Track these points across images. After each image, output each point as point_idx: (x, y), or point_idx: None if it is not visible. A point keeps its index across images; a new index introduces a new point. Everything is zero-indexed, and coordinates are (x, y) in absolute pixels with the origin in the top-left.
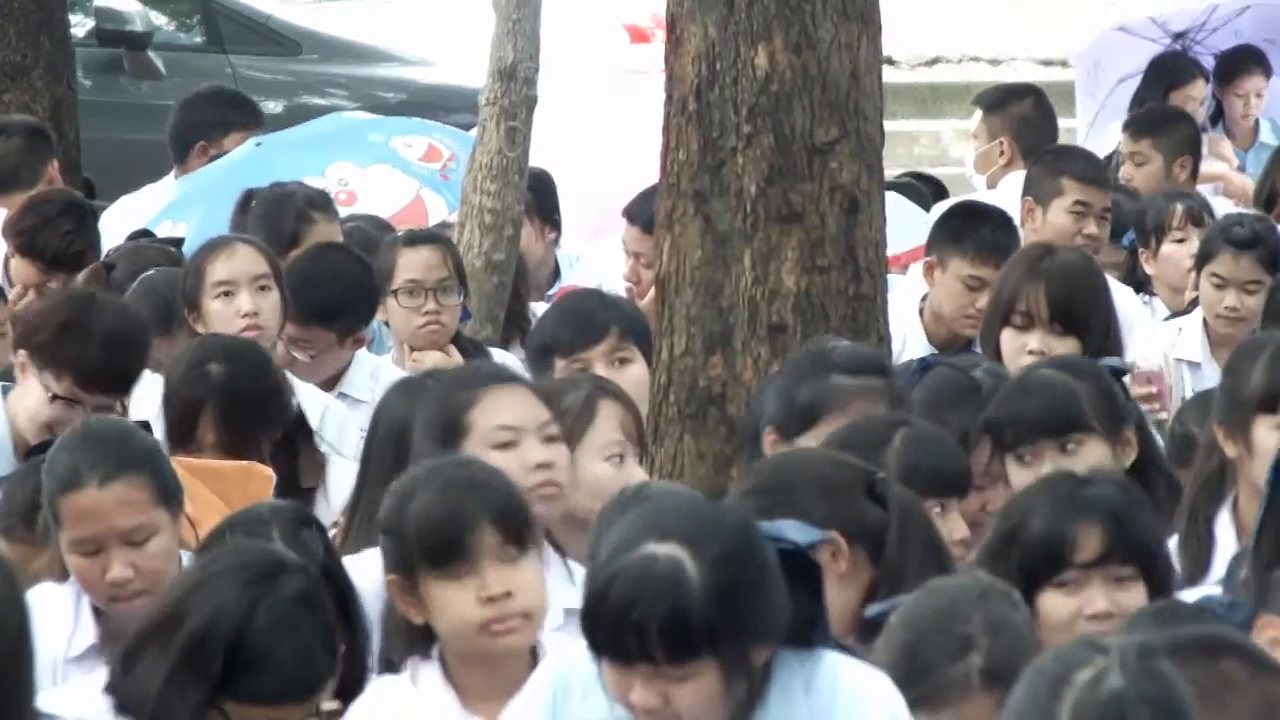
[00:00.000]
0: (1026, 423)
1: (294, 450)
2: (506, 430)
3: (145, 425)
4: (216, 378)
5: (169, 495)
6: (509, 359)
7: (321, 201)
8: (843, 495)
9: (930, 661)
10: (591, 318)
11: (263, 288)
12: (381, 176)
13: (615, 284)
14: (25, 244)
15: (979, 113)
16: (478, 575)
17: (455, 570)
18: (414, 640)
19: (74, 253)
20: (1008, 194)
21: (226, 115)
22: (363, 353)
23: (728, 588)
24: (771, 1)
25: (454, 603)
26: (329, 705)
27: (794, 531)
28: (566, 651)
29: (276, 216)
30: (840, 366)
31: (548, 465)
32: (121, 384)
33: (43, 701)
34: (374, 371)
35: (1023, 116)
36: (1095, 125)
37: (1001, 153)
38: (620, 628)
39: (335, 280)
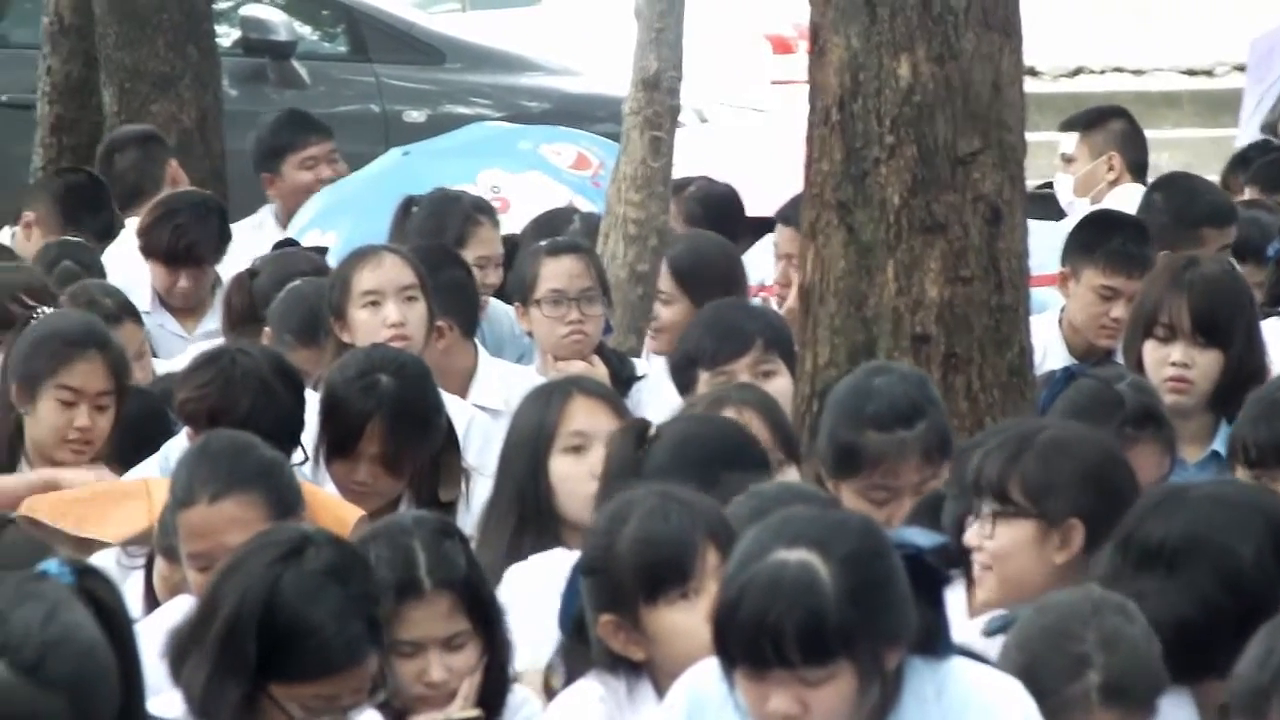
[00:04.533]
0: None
1: (437, 463)
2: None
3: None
4: (387, 390)
5: (285, 511)
6: (654, 370)
7: (487, 207)
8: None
9: (1047, 683)
10: (736, 329)
11: (410, 298)
12: (533, 183)
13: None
14: (143, 245)
15: (1075, 136)
16: (706, 595)
17: (681, 594)
18: (617, 662)
19: (184, 246)
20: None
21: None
22: (488, 359)
23: (859, 588)
24: (914, 13)
25: (686, 628)
26: (470, 713)
27: (916, 536)
28: (699, 670)
29: (442, 219)
30: (873, 421)
31: None
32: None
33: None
34: (503, 377)
35: (1123, 132)
36: (1258, 111)
37: (1110, 168)
38: (756, 634)
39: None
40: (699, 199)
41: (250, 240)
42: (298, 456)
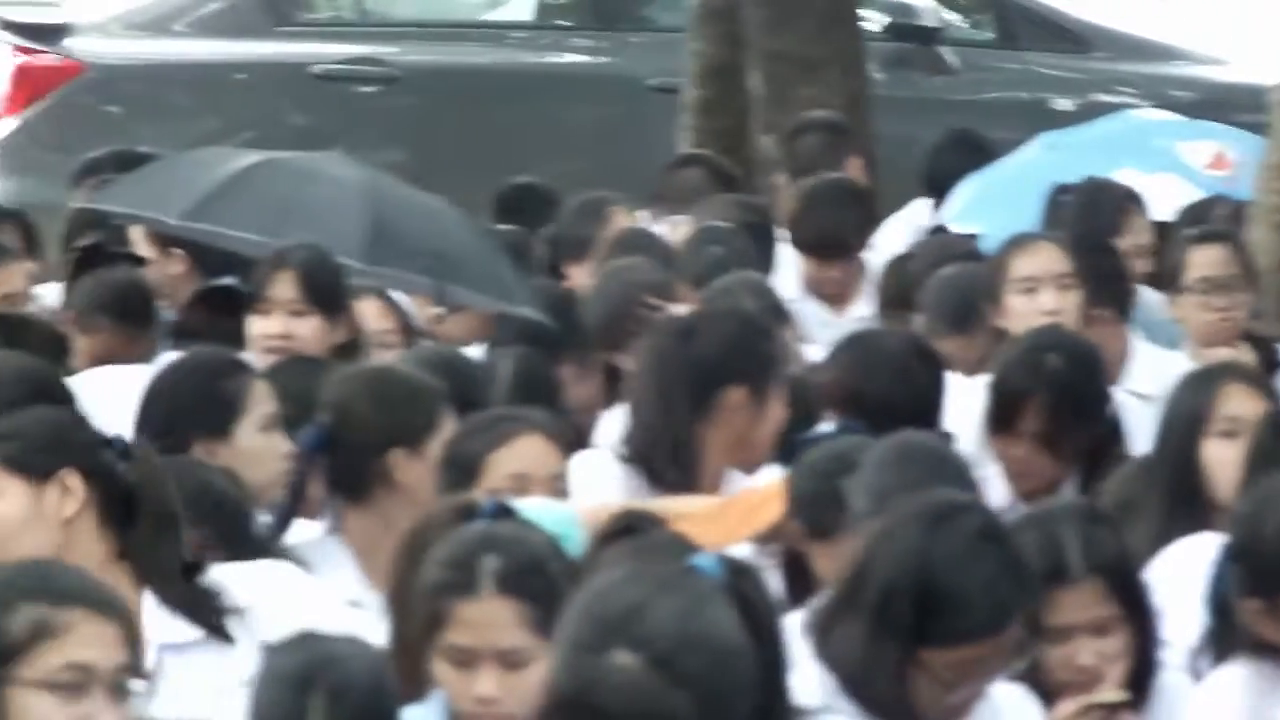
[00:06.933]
0: None
1: (1103, 455)
2: None
3: None
4: (1053, 369)
5: None
6: None
7: (1138, 196)
8: None
9: None
10: None
11: (1065, 286)
12: (1166, 184)
13: None
14: (793, 238)
15: None
16: None
17: None
18: (1263, 646)
19: (829, 232)
20: None
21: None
22: (1142, 346)
23: None
24: None
25: None
26: (1115, 695)
27: None
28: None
29: (1097, 207)
30: None
31: None
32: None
33: None
34: (1157, 363)
35: None
36: None
37: None
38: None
39: None
40: None
41: (904, 234)
42: None
